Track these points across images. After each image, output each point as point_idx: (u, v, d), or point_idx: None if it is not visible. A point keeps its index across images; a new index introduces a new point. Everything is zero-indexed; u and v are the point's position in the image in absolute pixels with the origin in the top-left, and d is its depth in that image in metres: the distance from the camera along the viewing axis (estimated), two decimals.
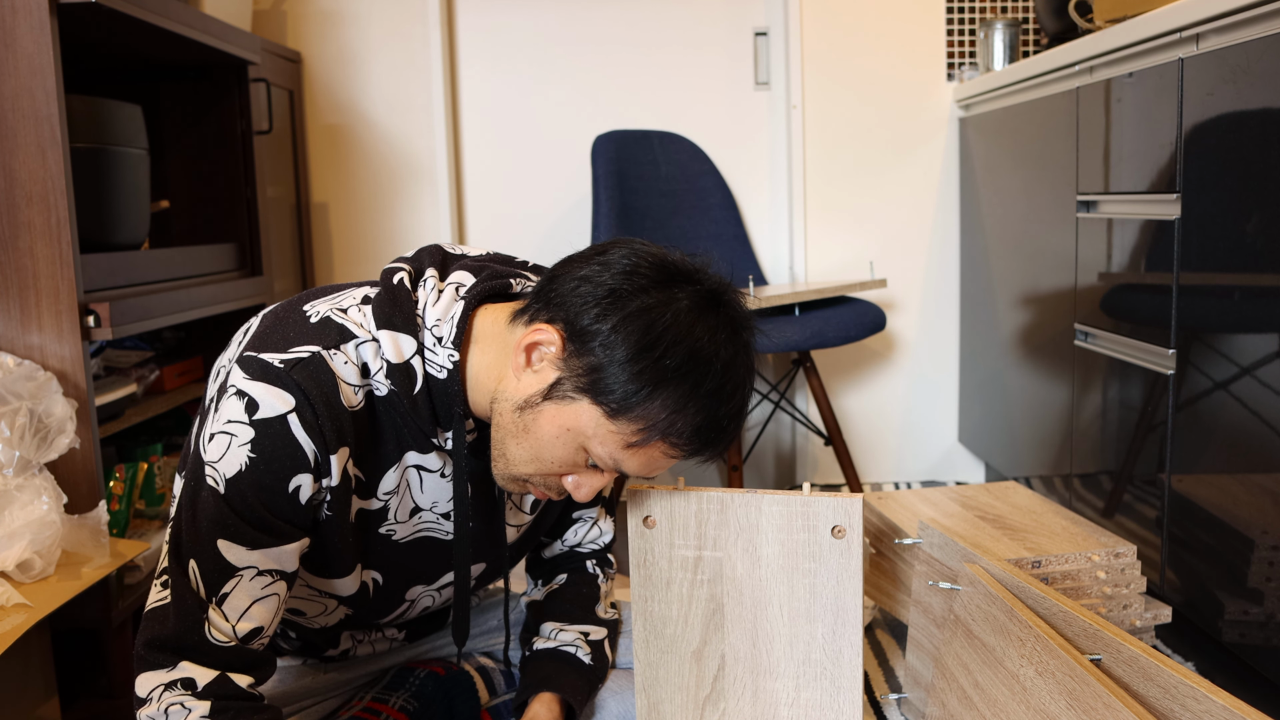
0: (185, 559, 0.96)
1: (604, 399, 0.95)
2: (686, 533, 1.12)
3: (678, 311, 0.95)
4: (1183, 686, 1.03)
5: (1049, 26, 2.35)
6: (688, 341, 0.94)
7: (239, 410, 0.95)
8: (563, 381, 0.96)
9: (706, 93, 2.74)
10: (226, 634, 0.96)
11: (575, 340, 0.96)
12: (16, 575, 1.35)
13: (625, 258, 0.98)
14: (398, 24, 2.66)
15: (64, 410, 1.47)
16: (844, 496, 1.07)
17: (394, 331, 1.00)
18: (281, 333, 1.00)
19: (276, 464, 0.95)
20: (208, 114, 2.16)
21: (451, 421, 1.03)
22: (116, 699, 1.64)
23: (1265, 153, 1.35)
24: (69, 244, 1.51)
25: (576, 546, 1.30)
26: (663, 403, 0.94)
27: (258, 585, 0.97)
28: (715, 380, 0.95)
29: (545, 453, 0.99)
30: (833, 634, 1.09)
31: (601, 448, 0.97)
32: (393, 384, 1.00)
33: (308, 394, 0.95)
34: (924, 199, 2.70)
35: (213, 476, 0.96)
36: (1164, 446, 1.63)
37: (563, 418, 0.97)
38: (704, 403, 0.95)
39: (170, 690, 0.94)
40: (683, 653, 1.14)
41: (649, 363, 0.93)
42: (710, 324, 0.96)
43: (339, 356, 0.98)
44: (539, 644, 1.23)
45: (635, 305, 0.94)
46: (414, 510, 1.08)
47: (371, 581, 1.11)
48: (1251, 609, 1.43)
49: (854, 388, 2.78)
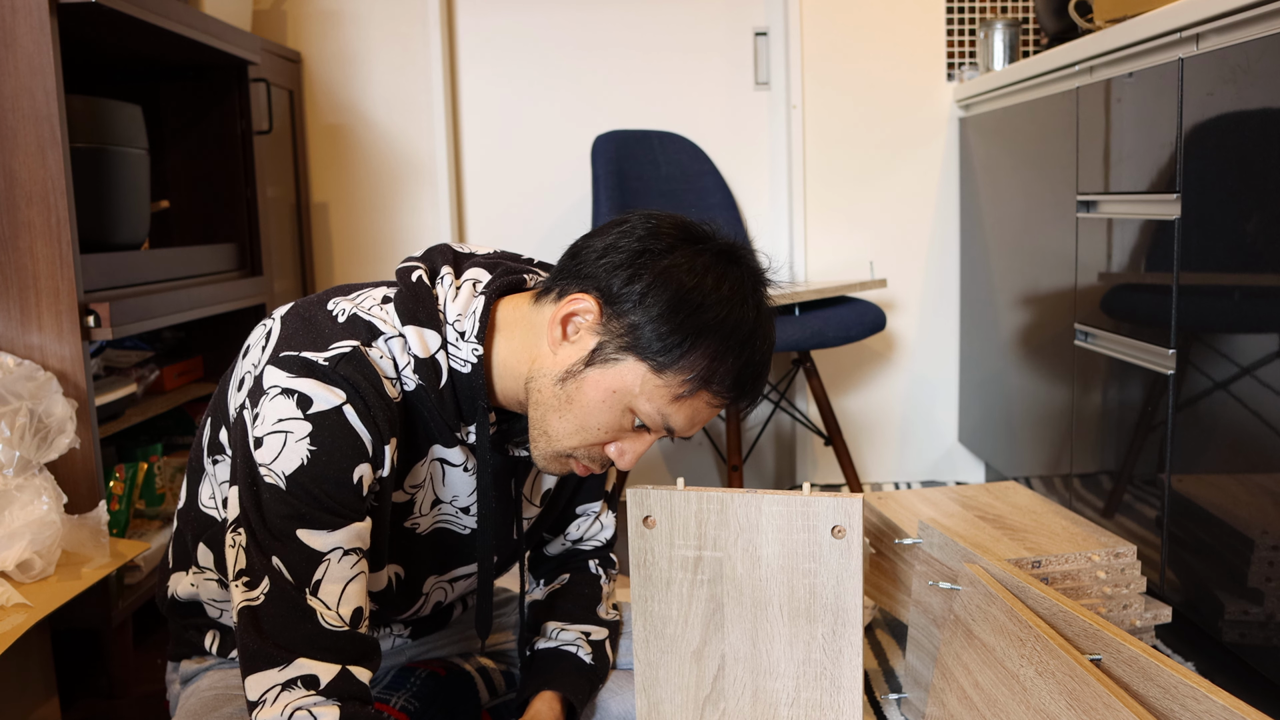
0: (268, 557, 0.94)
1: (649, 355, 0.98)
2: (686, 533, 1.12)
3: (705, 265, 0.99)
4: (1183, 686, 1.03)
5: (1049, 26, 2.35)
6: (720, 292, 0.99)
7: (290, 408, 0.95)
8: (604, 345, 0.99)
9: (706, 93, 2.74)
10: (335, 620, 0.94)
11: (611, 304, 0.99)
12: (16, 575, 1.35)
13: (645, 222, 1.02)
14: (398, 24, 2.66)
15: (64, 410, 1.47)
16: (844, 496, 1.07)
17: (419, 327, 1.01)
18: (315, 331, 1.00)
19: (339, 454, 0.95)
20: (208, 114, 2.17)
21: (475, 415, 1.04)
22: (116, 699, 1.64)
23: (1265, 153, 1.35)
24: (69, 244, 1.51)
25: (578, 543, 1.30)
26: (703, 352, 0.97)
27: (346, 566, 0.96)
28: (748, 327, 1.00)
29: (591, 420, 1.00)
30: (833, 634, 1.09)
31: (649, 404, 0.99)
32: (420, 379, 1.01)
33: (357, 387, 0.96)
34: (924, 199, 2.70)
35: (270, 475, 0.95)
36: (1164, 446, 1.63)
37: (608, 380, 0.99)
38: (740, 349, 0.99)
39: (289, 690, 0.91)
40: (683, 653, 1.14)
41: (686, 315, 0.97)
42: (735, 275, 1.01)
43: (374, 352, 0.99)
44: (540, 643, 1.24)
45: (664, 264, 0.98)
46: (434, 502, 1.09)
47: (393, 576, 1.11)
48: (1251, 609, 1.43)
49: (854, 388, 2.78)
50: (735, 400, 1.02)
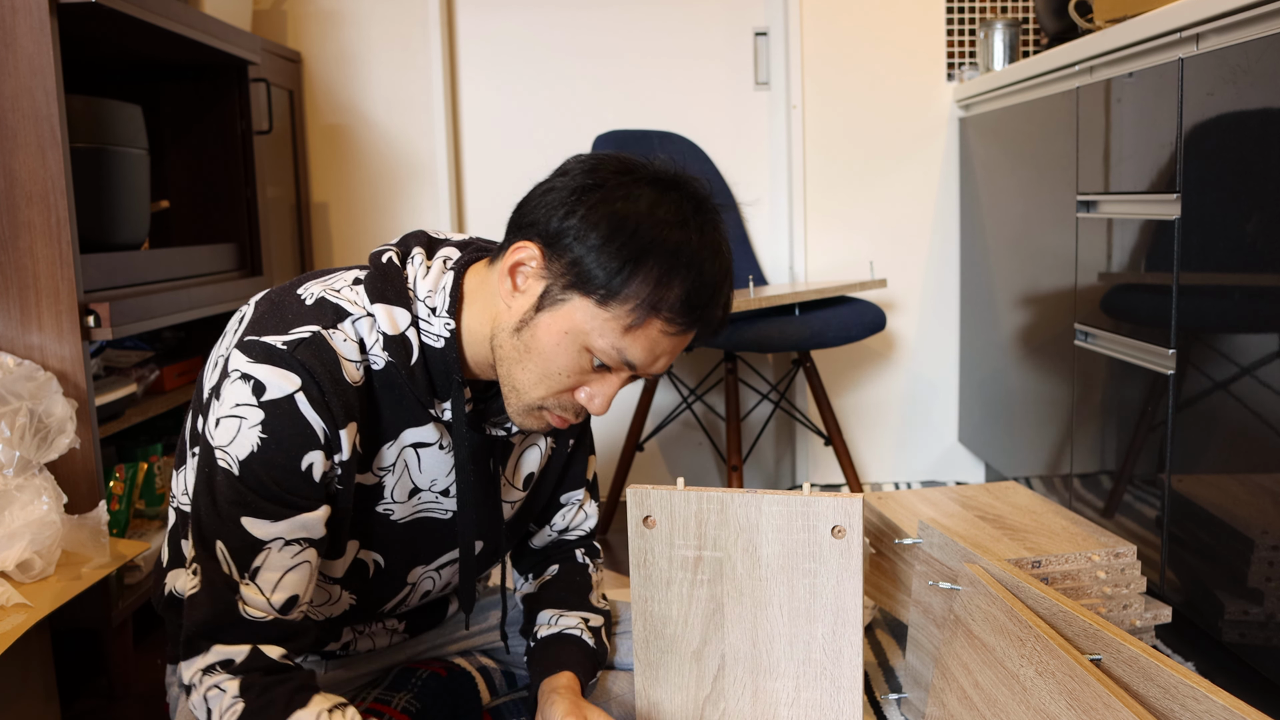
0: (211, 542, 0.97)
1: (591, 288, 0.98)
2: (686, 533, 1.12)
3: (640, 193, 0.99)
4: (1183, 686, 1.03)
5: (1049, 26, 2.35)
6: (657, 214, 0.98)
7: (246, 393, 0.97)
8: (550, 288, 0.99)
9: (706, 93, 2.74)
10: (261, 608, 0.97)
11: (551, 245, 0.99)
12: (16, 575, 1.35)
13: (583, 163, 1.03)
14: (398, 24, 2.66)
15: (64, 410, 1.47)
16: (844, 496, 1.07)
17: (388, 305, 1.02)
18: (280, 316, 1.01)
19: (288, 443, 0.97)
20: (208, 114, 2.16)
21: (450, 390, 1.04)
22: (116, 699, 1.64)
23: (1265, 153, 1.35)
24: (69, 244, 1.51)
25: (564, 533, 1.30)
26: (645, 277, 0.97)
27: (287, 555, 0.98)
28: (690, 249, 0.98)
29: (551, 365, 1.01)
30: (833, 634, 1.09)
31: (602, 339, 0.99)
32: (390, 355, 1.02)
33: (313, 373, 0.97)
34: (924, 199, 2.70)
35: (225, 459, 0.97)
36: (1164, 446, 1.63)
37: (559, 322, 0.99)
38: (686, 271, 0.98)
39: (209, 674, 0.95)
40: (683, 653, 1.14)
41: (623, 240, 0.97)
42: (673, 199, 1.00)
43: (338, 334, 1.00)
44: (542, 632, 1.23)
45: (598, 196, 0.98)
46: (413, 491, 1.09)
47: (373, 563, 1.11)
48: (1251, 609, 1.43)
49: (854, 388, 2.78)
50: (690, 325, 1.00)
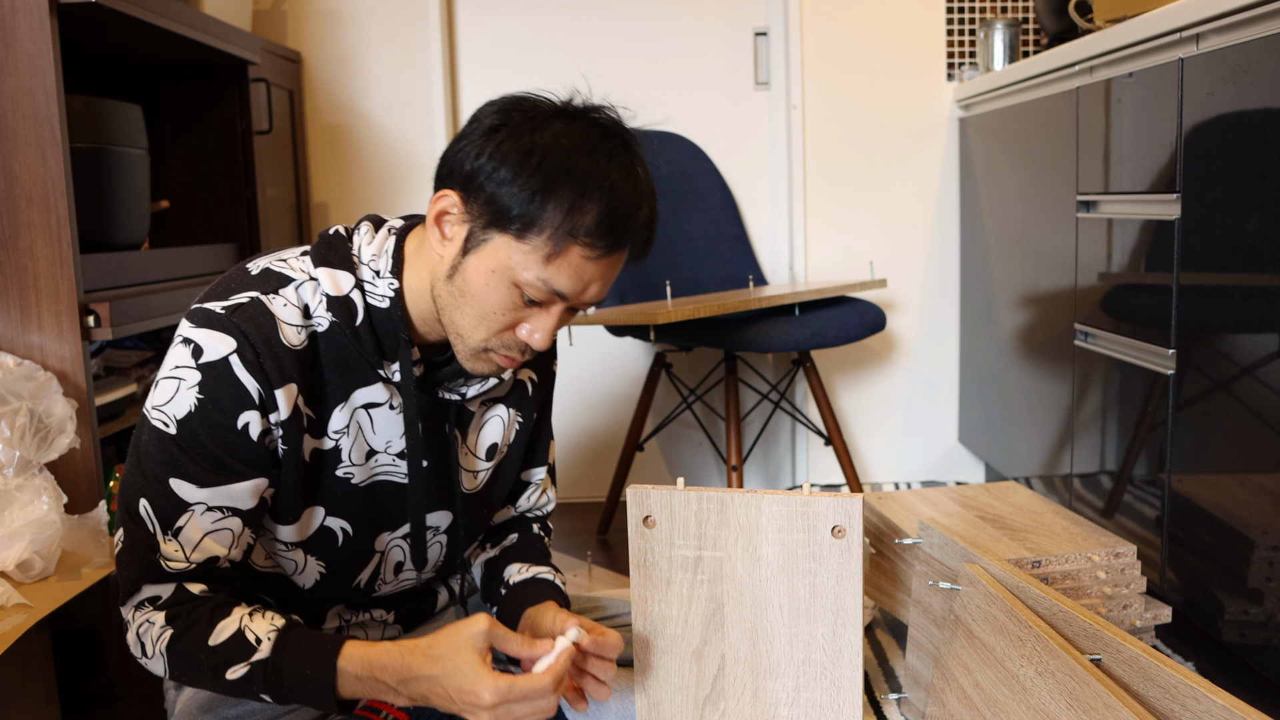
0: (136, 500, 1.02)
1: (508, 223, 1.00)
2: (686, 533, 1.12)
3: (548, 125, 1.02)
4: (1183, 686, 1.03)
5: (1049, 26, 2.36)
6: (563, 142, 1.01)
7: (185, 356, 1.02)
8: (473, 231, 1.02)
9: (706, 93, 2.74)
10: (181, 562, 1.02)
11: (467, 188, 1.02)
12: (16, 575, 1.35)
13: (492, 105, 1.06)
14: (398, 24, 2.66)
15: (64, 410, 1.47)
16: (844, 496, 1.07)
17: (330, 269, 1.06)
18: (225, 285, 1.07)
19: (224, 403, 1.01)
20: (208, 114, 2.17)
21: (398, 350, 1.08)
22: (116, 699, 1.64)
23: (1265, 153, 1.35)
24: (69, 244, 1.51)
25: (527, 512, 1.35)
26: (557, 204, 0.99)
27: (209, 520, 1.02)
28: (601, 170, 1.01)
29: (485, 305, 1.03)
30: (833, 634, 1.09)
31: (527, 272, 1.01)
32: (334, 316, 1.06)
33: (247, 335, 1.01)
34: (924, 199, 2.70)
35: (161, 419, 1.02)
36: (1164, 446, 1.63)
37: (485, 262, 1.02)
38: (598, 192, 1.00)
39: (140, 610, 1.03)
40: (683, 653, 1.14)
41: (532, 170, 0.99)
42: (580, 127, 1.03)
43: (278, 300, 1.05)
44: (515, 578, 1.24)
45: (506, 132, 1.01)
46: (369, 454, 1.11)
47: (341, 531, 1.13)
48: (1251, 609, 1.43)
49: (854, 388, 2.78)
50: (612, 248, 1.02)
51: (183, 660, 1.01)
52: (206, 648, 1.00)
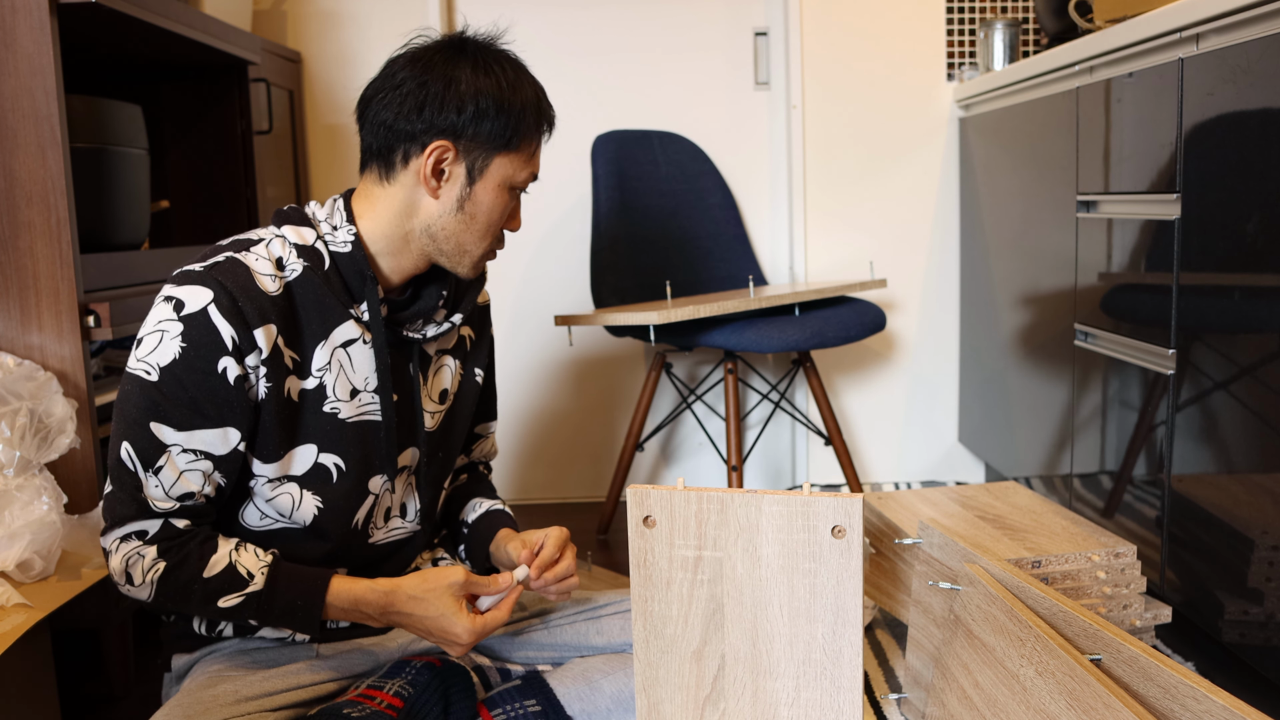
0: (119, 446, 1.14)
1: (500, 144, 1.22)
2: (686, 533, 1.12)
3: (458, 65, 1.22)
4: (1183, 686, 1.03)
5: (1049, 26, 2.36)
6: (495, 76, 1.22)
7: (168, 311, 1.13)
8: (473, 164, 1.22)
9: (706, 93, 2.74)
10: (161, 499, 1.14)
11: (457, 136, 1.20)
12: (16, 575, 1.35)
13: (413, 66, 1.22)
14: (398, 24, 2.66)
15: (64, 410, 1.47)
16: (844, 496, 1.07)
17: (294, 225, 1.22)
18: (201, 255, 1.19)
19: (204, 349, 1.12)
20: (208, 114, 2.17)
21: (364, 290, 1.22)
22: (116, 699, 1.64)
23: (1265, 153, 1.35)
24: (69, 244, 1.51)
25: (477, 461, 1.56)
26: (522, 109, 1.23)
27: (184, 460, 1.14)
28: (525, 77, 1.26)
29: (493, 215, 1.25)
30: (833, 634, 1.09)
31: (522, 172, 1.25)
32: (305, 261, 1.19)
33: (224, 284, 1.13)
34: (924, 199, 2.70)
35: (144, 369, 1.12)
36: (1164, 446, 1.63)
37: (491, 181, 1.23)
38: (531, 91, 1.26)
39: (126, 541, 1.14)
40: (683, 653, 1.14)
41: (502, 99, 1.21)
42: (482, 63, 1.23)
43: (250, 255, 1.17)
44: (472, 515, 1.44)
45: (462, 87, 1.20)
46: (353, 391, 1.23)
47: (334, 467, 1.23)
48: (1251, 609, 1.43)
49: (854, 388, 2.78)
50: (550, 125, 1.28)
51: (173, 589, 1.14)
52: (200, 579, 1.14)
